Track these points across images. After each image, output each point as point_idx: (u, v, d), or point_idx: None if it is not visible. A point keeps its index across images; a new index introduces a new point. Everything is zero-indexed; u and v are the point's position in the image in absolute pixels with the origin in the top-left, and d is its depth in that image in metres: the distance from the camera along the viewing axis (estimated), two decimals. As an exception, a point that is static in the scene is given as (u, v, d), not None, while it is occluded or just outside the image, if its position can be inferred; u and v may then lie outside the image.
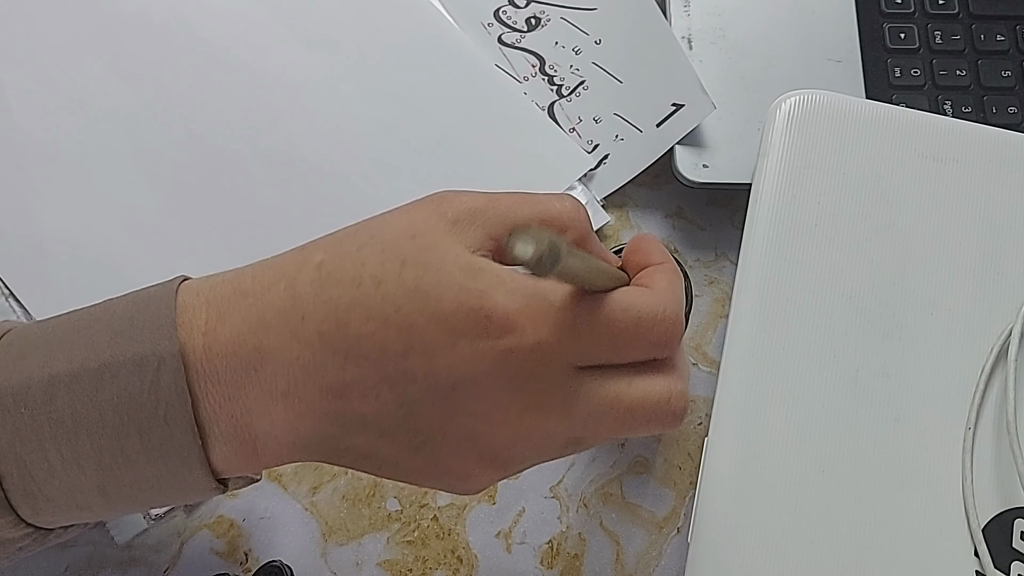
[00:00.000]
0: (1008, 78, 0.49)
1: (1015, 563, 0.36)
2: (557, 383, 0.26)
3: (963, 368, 0.39)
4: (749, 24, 0.51)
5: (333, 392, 0.26)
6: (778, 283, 0.40)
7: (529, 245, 0.21)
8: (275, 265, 0.28)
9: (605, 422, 0.27)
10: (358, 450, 0.27)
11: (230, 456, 0.28)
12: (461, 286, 0.26)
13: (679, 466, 0.45)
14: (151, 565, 0.42)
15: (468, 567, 0.43)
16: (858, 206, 0.41)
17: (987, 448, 0.38)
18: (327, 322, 0.26)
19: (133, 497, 0.28)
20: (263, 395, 0.27)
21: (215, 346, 0.27)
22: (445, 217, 0.28)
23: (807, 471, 0.37)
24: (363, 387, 0.26)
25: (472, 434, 0.27)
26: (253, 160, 0.49)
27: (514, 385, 0.26)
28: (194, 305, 0.28)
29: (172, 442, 0.27)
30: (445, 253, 0.27)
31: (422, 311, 0.26)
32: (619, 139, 0.50)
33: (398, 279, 0.26)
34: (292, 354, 0.26)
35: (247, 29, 0.51)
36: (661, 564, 0.43)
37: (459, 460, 0.27)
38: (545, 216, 0.29)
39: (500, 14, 0.52)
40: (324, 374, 0.26)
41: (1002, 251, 0.40)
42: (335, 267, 0.27)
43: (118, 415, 0.27)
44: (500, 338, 0.26)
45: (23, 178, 0.48)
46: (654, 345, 0.27)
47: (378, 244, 0.27)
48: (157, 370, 0.27)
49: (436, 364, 0.26)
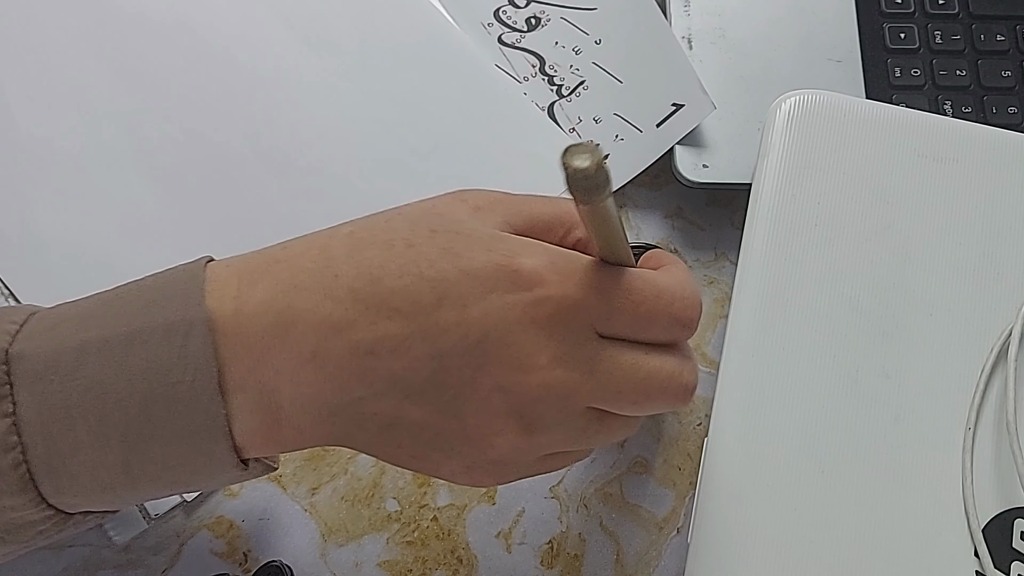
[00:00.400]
0: (1008, 78, 0.49)
1: (1015, 563, 0.36)
2: (582, 339, 0.27)
3: (963, 368, 0.39)
4: (749, 24, 0.51)
5: (364, 349, 0.27)
6: (778, 283, 0.40)
7: (585, 157, 0.23)
8: (306, 238, 0.29)
9: (624, 387, 0.28)
10: (384, 416, 0.28)
11: (254, 428, 0.28)
12: (490, 247, 0.27)
13: (679, 466, 0.45)
14: (150, 566, 0.42)
15: (468, 567, 0.43)
16: (858, 206, 0.41)
17: (987, 448, 0.37)
18: (360, 279, 0.27)
19: (157, 476, 0.28)
20: (291, 357, 0.27)
21: (245, 309, 0.27)
22: (467, 203, 0.29)
23: (807, 471, 0.37)
24: (394, 342, 0.27)
25: (502, 384, 0.27)
26: (253, 160, 0.49)
27: (543, 335, 0.27)
28: (225, 276, 0.28)
29: (197, 410, 0.27)
30: (474, 225, 0.28)
31: (454, 266, 0.27)
32: (619, 139, 0.50)
33: (430, 241, 0.27)
34: (323, 312, 0.27)
35: (247, 29, 0.51)
36: (661, 564, 0.43)
37: (487, 416, 0.28)
38: (559, 211, 0.31)
39: (500, 14, 0.52)
40: (355, 331, 0.27)
41: (1002, 251, 0.40)
42: (366, 234, 0.28)
43: (147, 381, 0.27)
44: (529, 290, 0.27)
45: (23, 178, 0.48)
46: (674, 321, 0.29)
47: (405, 218, 0.29)
48: (186, 336, 0.27)
49: (468, 314, 0.27)
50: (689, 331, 0.29)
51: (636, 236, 0.49)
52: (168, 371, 0.27)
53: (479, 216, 0.29)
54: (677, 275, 0.30)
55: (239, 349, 0.27)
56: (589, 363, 0.28)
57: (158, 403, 0.27)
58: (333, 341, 0.27)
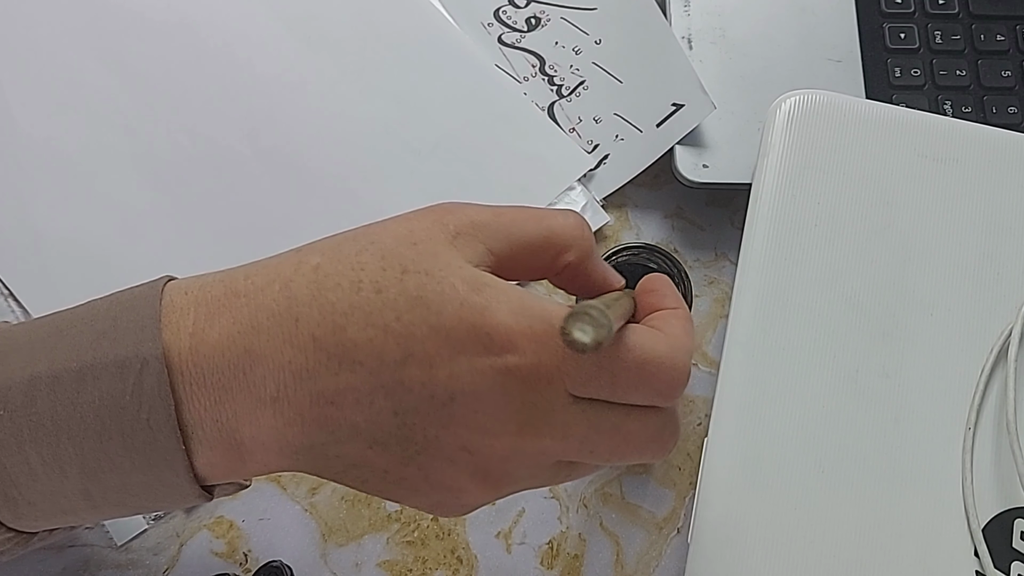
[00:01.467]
0: (1008, 78, 0.49)
1: (1015, 563, 0.36)
2: (555, 405, 0.26)
3: (963, 368, 0.39)
4: (749, 24, 0.51)
5: (325, 399, 0.26)
6: (778, 283, 0.40)
7: (587, 333, 0.22)
8: (270, 266, 0.27)
9: (599, 449, 0.27)
10: (348, 459, 0.27)
11: (215, 462, 0.27)
12: (464, 300, 0.25)
13: (679, 466, 0.45)
14: (150, 566, 0.42)
15: (468, 567, 0.43)
16: (858, 206, 0.41)
17: (987, 448, 0.37)
18: (322, 326, 0.26)
19: (120, 502, 0.28)
20: (251, 400, 0.26)
21: (202, 348, 0.26)
22: (447, 228, 0.27)
23: (807, 471, 0.37)
24: (357, 394, 0.26)
25: (468, 446, 0.26)
26: (252, 160, 0.49)
27: (513, 403, 0.26)
28: (182, 305, 0.27)
29: (155, 446, 0.26)
30: (449, 262, 0.26)
31: (423, 320, 0.25)
32: (619, 139, 0.50)
33: (399, 286, 0.26)
34: (284, 358, 0.26)
35: (247, 29, 0.51)
36: (661, 564, 0.43)
37: (452, 473, 0.27)
38: (548, 233, 0.29)
39: (500, 14, 0.52)
40: (316, 380, 0.26)
41: (1002, 251, 0.40)
42: (333, 270, 0.26)
43: (100, 419, 0.26)
44: (500, 356, 0.25)
45: (22, 178, 0.47)
46: (656, 393, 0.27)
47: (378, 250, 0.27)
48: (140, 373, 0.26)
49: (435, 375, 0.25)
50: (671, 401, 0.28)
51: (636, 236, 0.49)
52: (122, 408, 0.26)
53: (459, 244, 0.27)
54: (667, 338, 0.28)
55: (195, 388, 0.26)
56: (562, 428, 0.26)
57: (114, 439, 0.26)
58: (293, 388, 0.26)
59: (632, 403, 0.27)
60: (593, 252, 0.30)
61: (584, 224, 0.30)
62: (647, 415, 0.27)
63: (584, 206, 0.48)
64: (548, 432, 0.26)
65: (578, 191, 0.49)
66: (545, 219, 0.29)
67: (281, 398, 0.26)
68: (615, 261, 0.42)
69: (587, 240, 0.30)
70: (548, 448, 0.27)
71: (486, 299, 0.26)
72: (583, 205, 0.48)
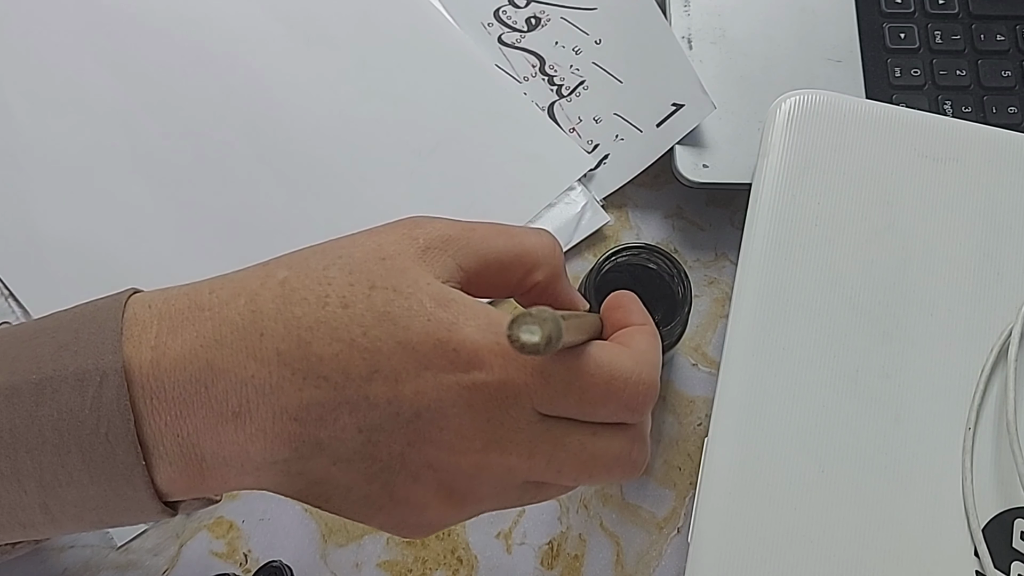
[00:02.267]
0: (1008, 78, 0.49)
1: (1015, 563, 0.36)
2: (522, 423, 0.26)
3: (963, 368, 0.38)
4: (749, 24, 0.51)
5: (289, 414, 0.25)
6: (778, 283, 0.40)
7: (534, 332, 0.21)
8: (236, 280, 0.27)
9: (567, 468, 0.27)
10: (311, 476, 0.26)
11: (176, 478, 0.27)
12: (431, 315, 0.25)
13: (679, 466, 0.45)
14: (149, 568, 0.42)
15: (468, 568, 0.43)
16: (858, 206, 0.41)
17: (987, 448, 0.37)
18: (287, 340, 0.25)
19: (79, 516, 0.27)
20: (213, 415, 0.26)
21: (163, 361, 0.26)
22: (416, 243, 0.27)
23: (807, 471, 0.37)
24: (321, 411, 0.25)
25: (433, 463, 0.26)
26: (252, 160, 0.49)
27: (479, 419, 0.26)
28: (145, 319, 0.27)
29: (114, 461, 0.26)
30: (416, 278, 0.26)
31: (390, 336, 0.25)
32: (619, 139, 0.50)
33: (367, 301, 0.25)
34: (247, 372, 0.25)
35: (246, 29, 0.51)
36: (661, 564, 0.43)
37: (417, 490, 0.26)
38: (519, 251, 0.29)
39: (500, 14, 0.52)
40: (280, 395, 0.25)
41: (1002, 251, 0.40)
42: (300, 284, 0.26)
43: (58, 432, 0.26)
44: (467, 372, 0.25)
45: (22, 178, 0.48)
46: (624, 408, 0.27)
47: (346, 264, 0.26)
48: (99, 386, 0.25)
49: (400, 391, 0.25)
50: (640, 416, 0.27)
51: (636, 236, 0.49)
52: (81, 423, 0.26)
53: (428, 260, 0.27)
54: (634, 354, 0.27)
55: (156, 402, 0.26)
56: (528, 446, 0.26)
57: (72, 453, 0.26)
58: (256, 403, 0.25)
59: (600, 420, 0.27)
60: (562, 273, 0.31)
61: (556, 244, 0.30)
62: (615, 433, 0.27)
63: (584, 206, 0.48)
64: (514, 449, 0.26)
65: (578, 191, 0.49)
66: (517, 236, 0.29)
67: (243, 413, 0.26)
68: (615, 261, 0.41)
69: (557, 260, 0.30)
70: (514, 466, 0.26)
71: (453, 315, 0.26)
72: (583, 205, 0.48)
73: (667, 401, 0.46)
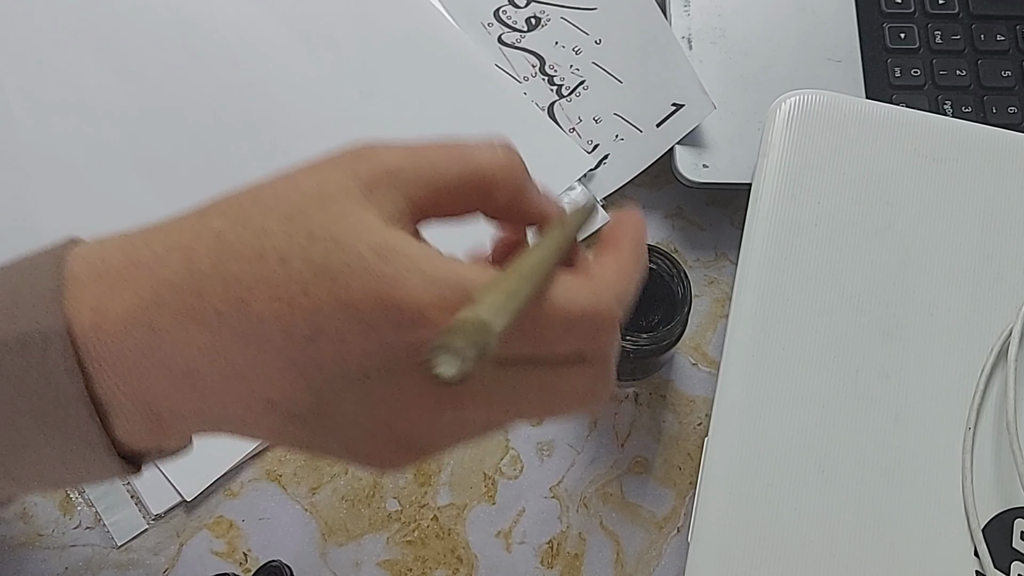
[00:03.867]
0: (1008, 78, 0.49)
1: (1015, 563, 0.36)
2: (474, 375, 0.24)
3: (963, 368, 0.39)
4: (749, 24, 0.51)
5: (236, 375, 0.25)
6: (778, 283, 0.40)
7: (451, 364, 0.21)
8: (171, 231, 0.26)
9: (526, 410, 0.26)
10: (268, 430, 0.26)
11: (134, 432, 0.26)
12: (371, 271, 0.24)
13: (679, 466, 0.45)
14: (150, 566, 0.42)
15: (468, 567, 0.43)
16: (858, 206, 0.41)
17: (987, 448, 0.37)
18: (226, 301, 0.24)
19: (41, 476, 0.27)
20: (162, 376, 0.25)
21: (105, 325, 0.25)
22: (360, 180, 0.25)
23: (807, 471, 0.37)
24: (268, 370, 0.25)
25: (387, 421, 0.25)
26: (252, 159, 0.49)
27: (428, 378, 0.24)
28: (83, 277, 0.26)
29: (68, 422, 0.25)
30: (357, 225, 0.24)
31: (331, 294, 0.24)
32: (619, 139, 0.50)
33: (304, 256, 0.24)
34: (189, 335, 0.25)
35: (247, 29, 0.51)
36: (661, 564, 0.43)
37: (374, 446, 0.26)
38: (473, 175, 0.27)
39: (500, 14, 0.52)
40: (225, 357, 0.25)
41: (1002, 251, 0.40)
42: (235, 237, 0.25)
43: (8, 398, 0.25)
44: (412, 331, 0.24)
45: (22, 178, 0.48)
46: (582, 343, 0.26)
47: (284, 212, 0.25)
48: (44, 350, 0.25)
49: (347, 352, 0.24)
50: (600, 349, 0.26)
51: (636, 236, 0.49)
52: (28, 386, 0.25)
53: (373, 198, 0.25)
54: (595, 285, 0.26)
55: (104, 364, 0.25)
56: (484, 397, 0.25)
57: (24, 416, 0.25)
58: (204, 364, 0.25)
59: (559, 358, 0.26)
60: (526, 186, 0.28)
61: (514, 156, 0.28)
62: (574, 371, 0.26)
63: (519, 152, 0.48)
64: (470, 403, 0.25)
65: (578, 191, 0.49)
66: (467, 156, 0.27)
67: (192, 373, 0.25)
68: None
69: (517, 177, 0.28)
70: (471, 417, 0.26)
71: (395, 268, 0.24)
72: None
73: (667, 401, 0.46)
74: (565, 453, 0.45)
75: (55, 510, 0.43)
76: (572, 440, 0.45)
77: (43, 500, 0.43)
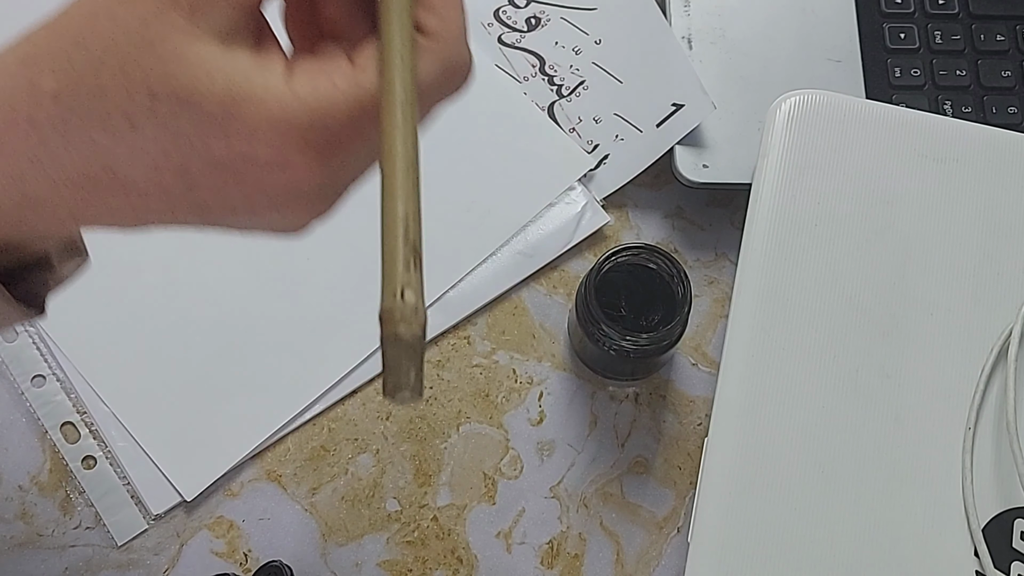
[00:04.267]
0: (1008, 78, 0.49)
1: (1015, 563, 0.36)
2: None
3: (963, 368, 0.39)
4: (749, 24, 0.51)
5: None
6: (778, 283, 0.40)
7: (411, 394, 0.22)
8: (4, 93, 0.25)
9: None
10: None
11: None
12: (226, 129, 0.23)
13: (679, 466, 0.45)
14: (151, 566, 0.42)
15: (468, 567, 0.43)
16: (858, 206, 0.41)
17: (987, 448, 0.38)
18: (86, 174, 0.25)
19: None
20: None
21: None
22: (180, 6, 0.23)
23: (807, 471, 0.37)
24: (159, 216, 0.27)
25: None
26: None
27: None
28: None
29: None
30: (196, 64, 0.23)
31: (197, 156, 0.24)
32: (619, 139, 0.50)
33: (152, 117, 0.23)
34: (52, 232, 0.26)
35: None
36: (661, 564, 0.43)
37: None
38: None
39: (500, 14, 0.52)
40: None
41: (1002, 251, 0.40)
42: (76, 102, 0.24)
43: None
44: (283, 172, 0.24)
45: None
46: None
47: (117, 64, 0.23)
48: None
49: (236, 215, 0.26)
50: (443, 26, 0.25)
51: (636, 236, 0.49)
52: None
53: (200, 23, 0.23)
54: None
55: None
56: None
57: None
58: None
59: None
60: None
61: None
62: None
63: (584, 206, 0.48)
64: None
65: (578, 191, 0.49)
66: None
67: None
68: (615, 261, 0.42)
69: None
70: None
71: (247, 120, 0.23)
72: (583, 205, 0.48)
73: (667, 401, 0.46)
74: (565, 453, 0.45)
75: (55, 510, 0.43)
76: (572, 440, 0.45)
77: (43, 500, 0.43)
